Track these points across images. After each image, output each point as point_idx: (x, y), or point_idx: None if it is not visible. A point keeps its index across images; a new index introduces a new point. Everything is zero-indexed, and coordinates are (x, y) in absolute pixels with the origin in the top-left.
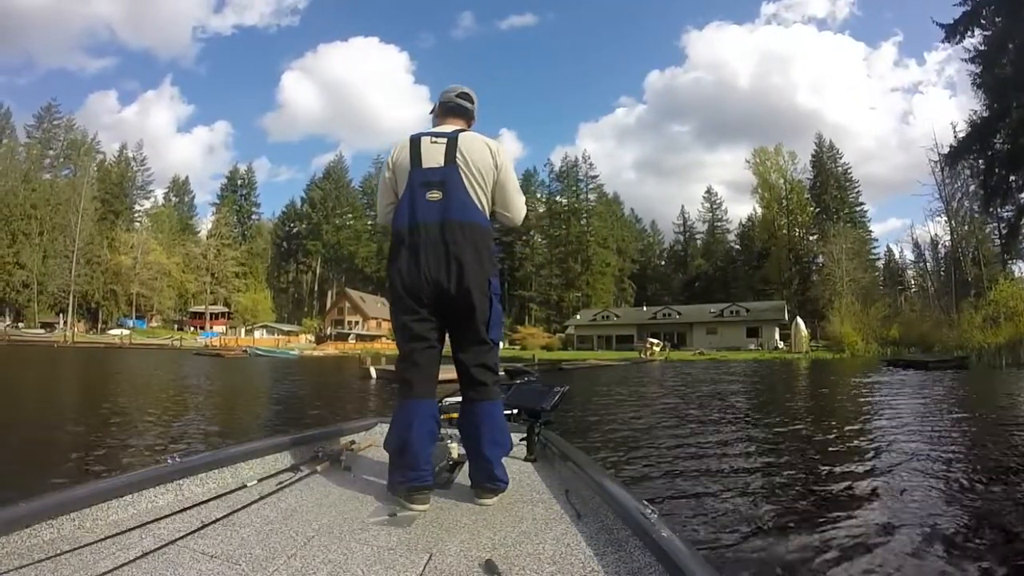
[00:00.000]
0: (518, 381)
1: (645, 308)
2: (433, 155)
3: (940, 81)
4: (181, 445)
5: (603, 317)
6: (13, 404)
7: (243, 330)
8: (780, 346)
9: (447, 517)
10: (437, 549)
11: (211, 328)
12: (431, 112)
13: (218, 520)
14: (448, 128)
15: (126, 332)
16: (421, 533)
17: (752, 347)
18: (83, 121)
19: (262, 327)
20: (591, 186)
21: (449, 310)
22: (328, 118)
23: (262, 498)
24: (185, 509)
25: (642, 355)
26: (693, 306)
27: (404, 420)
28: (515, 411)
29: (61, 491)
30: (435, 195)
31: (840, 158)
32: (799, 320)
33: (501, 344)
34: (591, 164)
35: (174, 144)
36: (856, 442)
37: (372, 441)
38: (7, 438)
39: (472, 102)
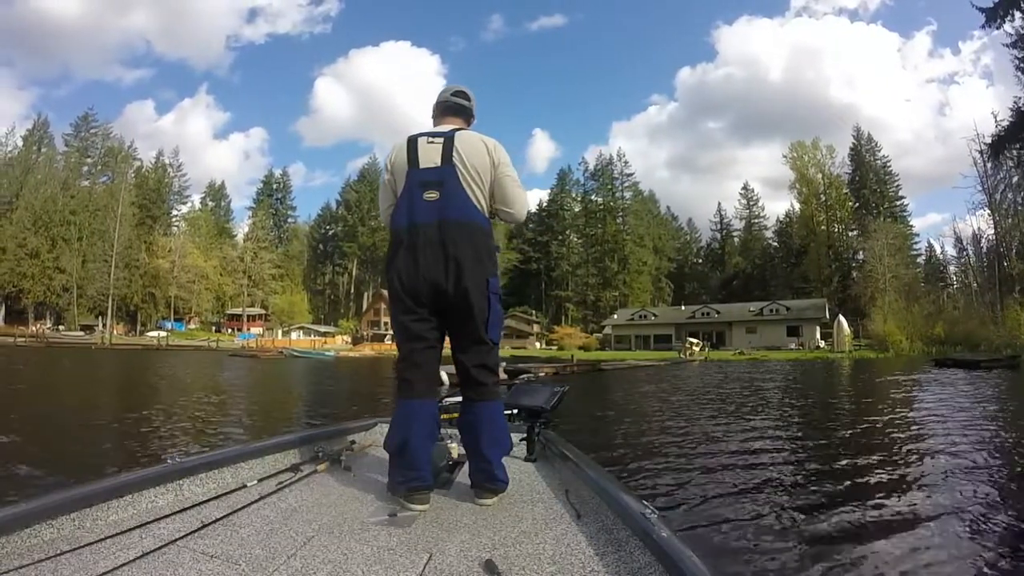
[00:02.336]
0: (518, 381)
1: (683, 307)
2: (430, 155)
3: (976, 71)
4: (181, 440)
5: (641, 317)
6: (22, 403)
7: (280, 331)
8: (821, 345)
9: (447, 517)
10: (437, 549)
11: (248, 330)
12: (432, 115)
13: (218, 520)
14: (446, 128)
15: (163, 334)
16: (421, 533)
17: (792, 346)
18: (121, 130)
19: (299, 328)
20: (626, 184)
21: (447, 310)
22: (361, 122)
23: (262, 498)
24: (185, 509)
25: (681, 355)
26: (732, 305)
27: (404, 420)
28: (515, 411)
29: (61, 491)
30: (432, 195)
31: (879, 151)
32: (841, 318)
33: (536, 344)
34: (626, 162)
35: (211, 151)
36: (898, 447)
37: (372, 441)
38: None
39: (469, 100)
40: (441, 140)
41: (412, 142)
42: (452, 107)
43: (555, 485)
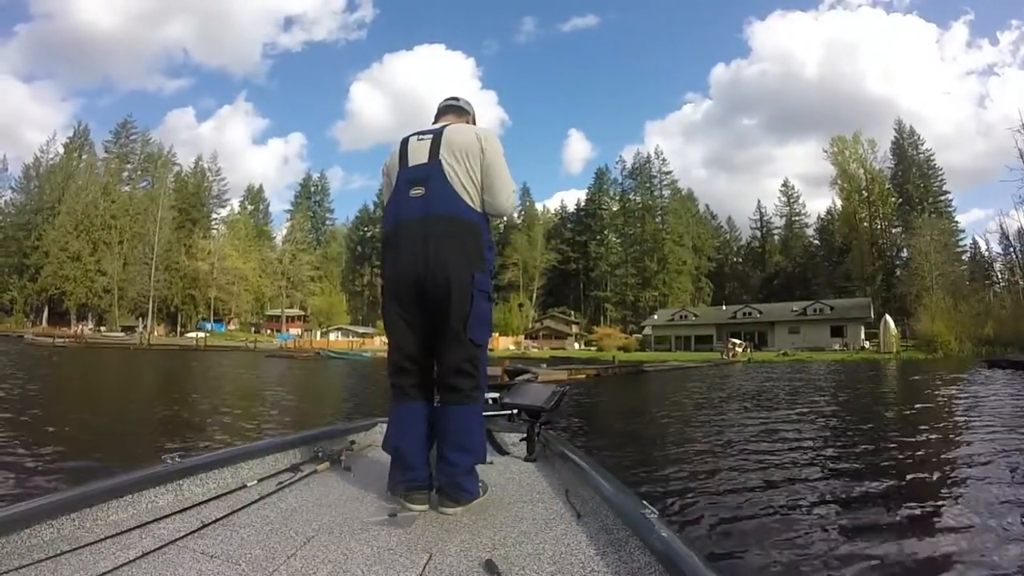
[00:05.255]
0: (518, 380)
1: (724, 307)
2: (419, 153)
3: (1015, 61)
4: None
5: (681, 317)
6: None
7: (318, 332)
8: (866, 346)
9: (447, 517)
10: (437, 549)
11: (287, 330)
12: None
13: (218, 520)
14: (439, 125)
15: (202, 335)
16: (421, 533)
17: (837, 347)
18: (163, 137)
19: (337, 329)
20: (665, 182)
21: (429, 307)
22: (397, 125)
23: (262, 498)
24: (185, 509)
25: (724, 356)
26: (774, 304)
27: (397, 424)
28: (515, 411)
29: (61, 491)
30: (418, 191)
31: (922, 144)
32: (887, 318)
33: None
34: (664, 160)
35: (250, 156)
36: (942, 454)
37: (372, 441)
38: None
39: (464, 102)
40: (430, 136)
41: (404, 142)
42: (447, 107)
43: (555, 485)
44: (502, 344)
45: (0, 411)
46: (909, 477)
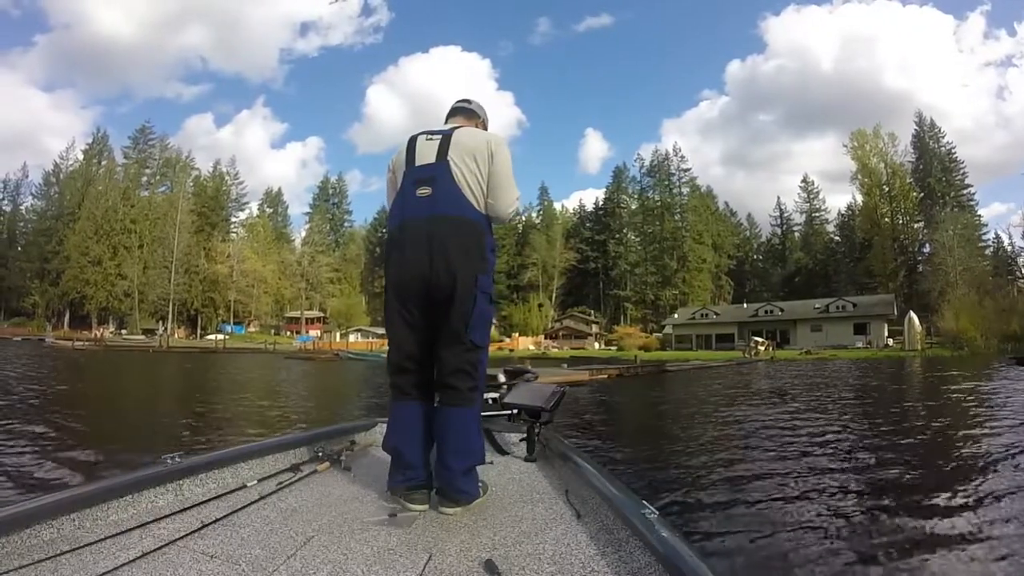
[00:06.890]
0: (518, 380)
1: (745, 305)
2: (427, 152)
3: None
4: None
5: (702, 316)
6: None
7: (338, 334)
8: (890, 343)
9: (447, 517)
10: (437, 549)
11: (307, 332)
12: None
13: (218, 520)
14: (448, 126)
15: (222, 337)
16: (421, 533)
17: (860, 345)
18: (182, 143)
19: (356, 330)
20: (683, 180)
21: (432, 306)
22: (413, 127)
23: (262, 498)
24: (185, 509)
25: (746, 355)
26: (796, 302)
27: (397, 422)
28: (515, 411)
29: (61, 491)
30: (425, 191)
31: (943, 137)
32: (912, 315)
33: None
34: (682, 157)
35: (269, 160)
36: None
37: (372, 441)
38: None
39: (475, 104)
40: (439, 137)
41: (412, 141)
42: (458, 109)
43: (555, 485)
44: (522, 344)
45: (11, 411)
46: (925, 481)
